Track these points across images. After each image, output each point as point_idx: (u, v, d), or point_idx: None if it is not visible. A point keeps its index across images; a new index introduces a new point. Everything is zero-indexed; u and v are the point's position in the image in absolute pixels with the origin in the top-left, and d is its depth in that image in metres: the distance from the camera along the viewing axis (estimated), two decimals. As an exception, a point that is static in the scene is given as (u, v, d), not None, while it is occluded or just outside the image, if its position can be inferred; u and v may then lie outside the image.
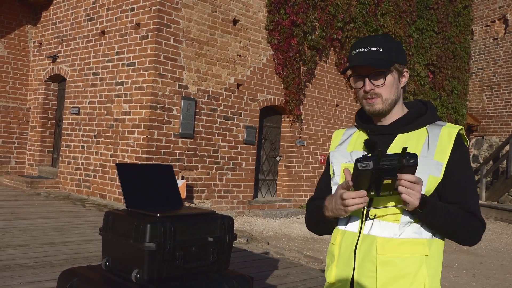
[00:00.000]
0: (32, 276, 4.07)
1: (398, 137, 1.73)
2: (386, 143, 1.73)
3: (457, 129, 1.70)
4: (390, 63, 1.70)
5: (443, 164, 1.65)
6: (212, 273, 2.48)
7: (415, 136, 1.71)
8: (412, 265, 1.64)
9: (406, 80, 1.78)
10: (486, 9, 16.18)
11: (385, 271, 1.64)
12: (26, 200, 8.23)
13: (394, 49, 1.72)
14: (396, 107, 1.76)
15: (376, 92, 1.72)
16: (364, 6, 11.51)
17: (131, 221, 2.33)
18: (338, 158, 1.83)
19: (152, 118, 8.32)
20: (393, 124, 1.75)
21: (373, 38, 1.75)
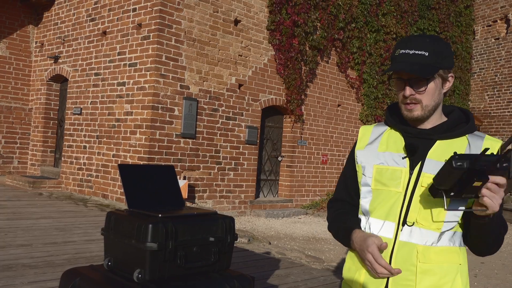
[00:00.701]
0: (35, 276, 4.09)
1: (438, 143, 1.67)
2: (425, 147, 1.67)
3: (499, 144, 1.63)
4: (434, 69, 1.63)
5: None
6: (213, 273, 2.49)
7: (455, 143, 1.66)
8: (450, 274, 1.64)
9: (450, 85, 1.70)
10: (488, 9, 16.16)
11: (425, 280, 1.62)
12: (28, 200, 8.25)
13: (441, 54, 1.64)
14: (436, 113, 1.70)
15: (417, 98, 1.66)
16: (366, 6, 11.52)
17: (133, 221, 2.34)
18: (369, 158, 1.75)
19: (154, 118, 8.34)
20: (433, 129, 1.69)
21: (420, 40, 1.67)
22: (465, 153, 1.56)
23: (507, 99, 15.64)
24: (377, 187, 1.72)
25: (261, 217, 9.81)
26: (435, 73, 1.63)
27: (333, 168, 11.81)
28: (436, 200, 1.58)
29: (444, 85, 1.68)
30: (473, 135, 1.68)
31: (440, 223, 1.61)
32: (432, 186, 1.55)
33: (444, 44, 1.67)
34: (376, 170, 1.72)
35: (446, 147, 1.65)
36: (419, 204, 1.63)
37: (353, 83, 11.94)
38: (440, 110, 1.72)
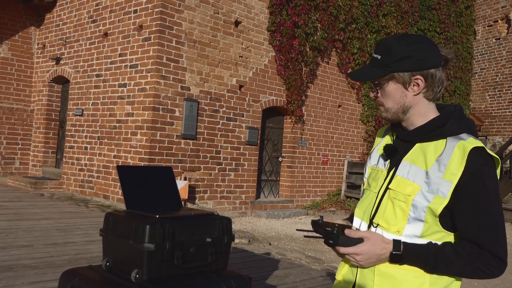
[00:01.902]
0: (35, 276, 4.12)
1: (417, 146, 1.63)
2: (405, 150, 1.66)
3: (472, 146, 1.52)
4: (377, 74, 1.63)
5: (452, 184, 1.51)
6: (210, 273, 2.52)
7: (432, 147, 1.60)
8: (411, 282, 1.56)
9: (420, 88, 1.61)
10: (489, 9, 16.17)
11: (382, 283, 1.59)
12: (30, 201, 8.29)
13: (395, 56, 1.60)
14: (413, 115, 1.65)
15: (379, 101, 1.69)
16: (366, 7, 11.54)
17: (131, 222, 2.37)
18: (371, 160, 1.81)
19: (154, 119, 8.37)
20: (414, 131, 1.65)
21: (382, 43, 1.66)
22: (318, 220, 1.64)
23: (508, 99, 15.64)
24: (366, 187, 1.78)
25: (261, 218, 9.83)
26: (375, 78, 1.63)
27: (334, 169, 11.83)
28: (401, 204, 1.58)
29: (409, 88, 1.62)
30: (454, 138, 1.58)
31: (400, 226, 1.57)
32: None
33: (410, 44, 1.61)
34: (369, 171, 1.78)
35: (423, 150, 1.62)
36: (384, 205, 1.63)
37: (353, 84, 11.96)
38: (424, 112, 1.65)
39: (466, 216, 1.52)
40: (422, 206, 1.54)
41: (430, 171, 1.55)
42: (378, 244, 1.55)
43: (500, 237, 1.52)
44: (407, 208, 1.57)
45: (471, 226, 1.52)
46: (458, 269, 1.53)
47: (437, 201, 1.52)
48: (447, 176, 1.52)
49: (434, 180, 1.54)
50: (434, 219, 1.55)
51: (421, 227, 1.56)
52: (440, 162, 1.55)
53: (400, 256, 1.54)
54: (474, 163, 1.51)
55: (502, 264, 1.51)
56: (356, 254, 1.55)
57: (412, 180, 1.58)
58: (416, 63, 1.59)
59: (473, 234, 1.52)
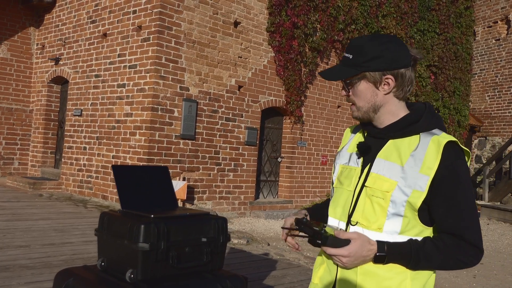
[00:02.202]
0: (31, 276, 4.11)
1: (390, 142, 1.66)
2: (378, 147, 1.68)
3: (446, 140, 1.58)
4: (350, 73, 1.65)
5: (429, 178, 1.55)
6: (206, 273, 2.51)
7: (406, 143, 1.63)
8: (396, 278, 1.58)
9: (391, 87, 1.64)
10: (488, 10, 16.17)
11: (366, 282, 1.59)
12: (28, 201, 8.28)
13: (367, 55, 1.62)
14: (383, 114, 1.67)
15: (351, 100, 1.70)
16: (365, 7, 11.53)
17: (126, 222, 2.36)
18: (340, 158, 1.82)
19: (153, 119, 8.37)
20: (387, 128, 1.67)
21: (353, 42, 1.68)
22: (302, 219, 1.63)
23: (508, 100, 15.64)
24: (337, 185, 1.77)
25: (260, 218, 9.82)
26: (348, 77, 1.66)
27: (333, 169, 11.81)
28: (379, 201, 1.59)
29: (380, 87, 1.64)
30: (427, 133, 1.62)
31: (381, 223, 1.59)
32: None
33: (380, 44, 1.63)
34: (340, 169, 1.78)
35: (396, 146, 1.64)
36: (362, 203, 1.63)
37: (353, 85, 11.94)
38: (393, 110, 1.68)
39: (444, 209, 1.56)
40: (401, 201, 1.56)
41: (406, 166, 1.58)
42: (364, 246, 1.55)
43: (477, 227, 1.58)
44: (386, 204, 1.58)
45: (450, 218, 1.56)
46: (439, 262, 1.57)
47: (415, 195, 1.55)
48: (424, 170, 1.55)
49: (410, 175, 1.56)
50: (413, 213, 1.57)
51: (400, 222, 1.58)
52: (416, 156, 1.58)
53: (384, 257, 1.55)
54: (448, 157, 1.56)
55: (480, 253, 1.58)
56: (343, 255, 1.55)
57: (388, 176, 1.60)
58: (387, 62, 1.62)
59: (452, 226, 1.57)
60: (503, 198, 14.78)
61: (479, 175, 16.21)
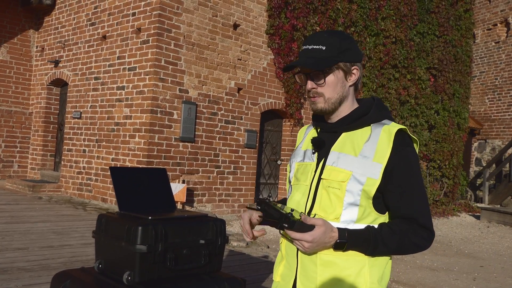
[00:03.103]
0: (30, 279, 4.10)
1: (343, 135, 1.71)
2: (332, 141, 1.73)
3: (396, 128, 1.65)
4: (330, 62, 1.68)
5: (382, 165, 1.62)
6: (204, 276, 2.50)
7: (358, 134, 1.69)
8: (354, 266, 1.63)
9: (356, 78, 1.73)
10: (488, 13, 16.18)
11: (326, 272, 1.63)
12: (27, 204, 8.27)
13: (339, 47, 1.69)
14: (344, 106, 1.74)
15: (318, 91, 1.72)
16: (365, 10, 11.53)
17: (123, 223, 2.35)
18: (295, 157, 1.86)
19: (153, 122, 8.36)
20: (339, 122, 1.74)
21: (319, 35, 1.72)
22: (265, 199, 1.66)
23: (507, 102, 15.64)
24: (294, 182, 1.82)
25: (260, 221, 9.79)
26: (330, 66, 1.69)
27: (333, 172, 11.80)
28: (335, 191, 1.64)
29: (348, 78, 1.72)
30: (377, 124, 1.69)
31: (338, 213, 1.64)
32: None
33: (345, 38, 1.71)
34: (296, 167, 1.83)
35: (349, 138, 1.70)
36: (320, 196, 1.68)
37: (352, 87, 11.94)
38: (351, 103, 1.76)
39: (398, 194, 1.63)
40: (356, 190, 1.62)
41: (360, 156, 1.64)
42: (327, 232, 1.59)
43: (428, 211, 1.67)
44: (342, 194, 1.64)
45: (404, 203, 1.63)
46: (396, 246, 1.63)
47: (369, 183, 1.61)
48: (377, 159, 1.62)
49: (364, 164, 1.63)
50: (368, 202, 1.64)
51: (356, 211, 1.64)
52: (369, 146, 1.65)
53: (344, 243, 1.60)
54: (399, 145, 1.64)
55: (432, 235, 1.66)
56: (307, 241, 1.58)
57: (343, 167, 1.65)
58: (355, 54, 1.72)
59: (406, 211, 1.64)
60: (503, 200, 14.77)
61: (479, 177, 16.20)
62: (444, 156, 13.52)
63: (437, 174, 13.60)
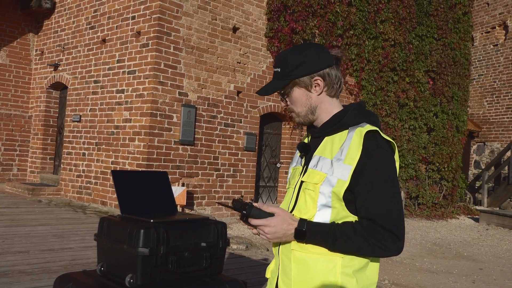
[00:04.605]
0: (31, 282, 4.11)
1: (325, 139, 1.78)
2: (316, 145, 1.81)
3: (366, 130, 1.68)
4: (283, 83, 1.79)
5: (352, 167, 1.65)
6: (205, 278, 2.51)
7: (337, 138, 1.75)
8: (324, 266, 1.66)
9: (321, 87, 1.78)
10: (486, 16, 16.23)
11: (298, 269, 1.70)
12: (27, 207, 8.27)
13: (293, 64, 1.77)
14: (321, 114, 1.81)
15: (290, 108, 1.85)
16: (364, 13, 11.57)
17: (125, 226, 2.37)
18: (292, 162, 1.98)
19: (152, 125, 8.37)
20: (321, 127, 1.81)
21: (278, 57, 1.83)
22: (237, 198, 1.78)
23: (506, 105, 15.67)
24: (287, 186, 1.92)
25: (260, 224, 9.79)
26: (283, 86, 1.79)
27: (332, 175, 11.81)
28: (310, 193, 1.71)
29: (312, 89, 1.79)
30: (354, 127, 1.73)
31: (311, 214, 1.70)
32: None
33: (301, 51, 1.78)
34: (291, 172, 1.94)
35: (330, 142, 1.76)
36: (299, 197, 1.76)
37: (351, 90, 11.97)
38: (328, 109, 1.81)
39: (363, 195, 1.64)
40: (328, 192, 1.67)
41: (334, 159, 1.70)
42: (286, 220, 1.67)
43: (395, 214, 1.63)
44: (316, 196, 1.69)
45: (367, 203, 1.64)
46: (356, 245, 1.63)
47: (339, 185, 1.65)
48: (347, 161, 1.66)
49: (336, 166, 1.68)
50: (340, 204, 1.67)
51: (329, 213, 1.68)
52: (343, 149, 1.70)
53: (303, 232, 1.66)
54: (369, 146, 1.66)
55: (398, 240, 1.61)
56: (265, 226, 1.67)
57: (319, 170, 1.71)
58: (311, 66, 1.76)
59: (368, 211, 1.64)
60: (502, 203, 14.79)
61: (478, 180, 16.23)
62: (443, 159, 13.54)
63: (436, 176, 13.62)
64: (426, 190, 13.21)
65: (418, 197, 13.02)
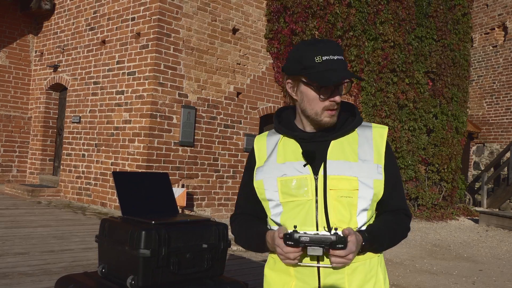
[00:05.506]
0: (31, 283, 4.10)
1: (333, 143, 1.67)
2: (322, 150, 1.67)
3: (386, 129, 1.73)
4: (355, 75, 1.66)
5: (382, 166, 1.67)
6: (206, 280, 2.51)
7: (348, 140, 1.68)
8: (374, 267, 1.69)
9: None
10: (486, 17, 16.25)
11: (354, 279, 1.64)
12: (26, 208, 8.27)
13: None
14: None
15: (338, 104, 1.66)
16: (363, 14, 11.58)
17: (127, 228, 2.37)
18: (270, 172, 1.70)
19: (152, 126, 8.37)
20: (328, 130, 1.68)
21: (334, 44, 1.66)
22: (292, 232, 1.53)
23: (505, 106, 15.68)
24: (285, 199, 1.66)
25: (259, 225, 9.80)
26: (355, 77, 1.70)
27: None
28: (349, 200, 1.62)
29: None
30: (361, 127, 1.72)
31: (354, 221, 1.63)
32: None
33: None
34: (281, 183, 1.67)
35: (340, 145, 1.68)
36: (332, 207, 1.62)
37: (351, 91, 11.98)
38: None
39: (391, 189, 1.70)
40: (369, 195, 1.64)
41: (360, 160, 1.65)
42: (358, 238, 1.59)
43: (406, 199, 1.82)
44: (355, 201, 1.63)
45: (396, 197, 1.72)
46: (397, 238, 1.75)
47: (377, 185, 1.65)
48: (377, 160, 1.67)
49: (367, 168, 1.65)
50: (374, 204, 1.69)
51: (366, 216, 1.67)
52: (364, 149, 1.67)
53: (366, 244, 1.63)
54: (387, 144, 1.72)
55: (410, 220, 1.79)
56: (351, 253, 1.56)
57: (348, 175, 1.63)
58: None
59: (398, 204, 1.74)
60: (502, 204, 14.79)
61: (477, 181, 16.23)
62: (443, 160, 13.55)
63: (436, 178, 13.63)
64: (426, 191, 13.21)
65: (417, 198, 13.01)
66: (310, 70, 1.62)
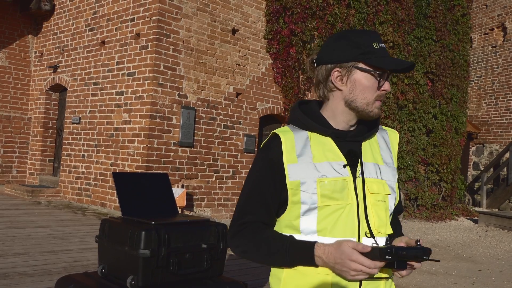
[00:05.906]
0: (31, 284, 4.11)
1: (363, 144, 1.59)
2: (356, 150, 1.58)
3: (398, 135, 1.73)
4: None
5: (396, 168, 1.68)
6: (206, 280, 2.52)
7: (373, 142, 1.63)
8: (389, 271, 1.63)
9: None
10: (485, 17, 16.27)
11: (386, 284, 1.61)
12: (26, 209, 8.27)
13: None
14: None
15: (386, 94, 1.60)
16: (363, 15, 11.59)
17: (126, 228, 2.38)
18: (308, 171, 1.50)
19: (152, 127, 8.38)
20: (361, 130, 1.60)
21: (379, 35, 1.57)
22: (391, 246, 1.40)
23: (505, 106, 15.70)
24: (324, 203, 1.49)
25: (259, 226, 9.80)
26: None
27: (331, 176, 11.82)
28: (384, 204, 1.55)
29: None
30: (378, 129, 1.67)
31: (388, 226, 1.57)
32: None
33: None
34: (320, 184, 1.49)
35: (369, 146, 1.60)
36: (371, 213, 1.52)
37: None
38: None
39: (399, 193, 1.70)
40: (394, 199, 1.63)
41: (385, 164, 1.62)
42: None
43: None
44: (387, 206, 1.58)
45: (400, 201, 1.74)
46: None
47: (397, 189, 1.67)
48: (395, 163, 1.67)
49: (388, 171, 1.63)
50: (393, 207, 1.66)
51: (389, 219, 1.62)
52: (386, 152, 1.65)
53: None
54: None
55: None
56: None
57: (381, 178, 1.58)
58: None
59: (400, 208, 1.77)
60: (501, 204, 14.81)
61: (477, 182, 16.25)
62: (442, 161, 13.56)
63: (435, 178, 13.64)
64: (425, 191, 13.23)
65: (417, 198, 13.03)
66: (371, 55, 1.50)
